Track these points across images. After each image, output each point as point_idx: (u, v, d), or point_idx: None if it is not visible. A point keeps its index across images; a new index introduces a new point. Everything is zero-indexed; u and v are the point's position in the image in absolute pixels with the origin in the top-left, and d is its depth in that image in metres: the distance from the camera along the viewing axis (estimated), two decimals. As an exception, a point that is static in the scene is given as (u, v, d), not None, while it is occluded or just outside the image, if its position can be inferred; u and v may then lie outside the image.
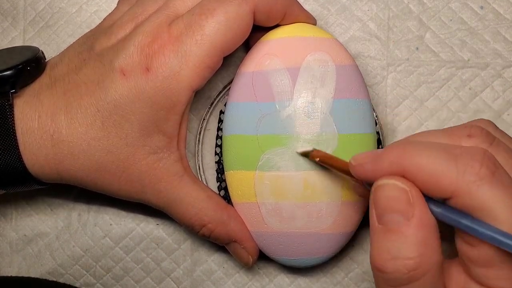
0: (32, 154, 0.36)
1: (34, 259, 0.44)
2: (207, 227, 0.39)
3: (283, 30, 0.39)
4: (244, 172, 0.38)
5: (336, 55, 0.38)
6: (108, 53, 0.37)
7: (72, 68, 0.37)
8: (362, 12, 0.43)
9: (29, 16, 0.45)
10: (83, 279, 0.44)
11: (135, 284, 0.43)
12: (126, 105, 0.36)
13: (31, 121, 0.36)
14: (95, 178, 0.37)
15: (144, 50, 0.36)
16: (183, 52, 0.35)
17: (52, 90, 0.37)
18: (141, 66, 0.35)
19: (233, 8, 0.36)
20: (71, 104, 0.36)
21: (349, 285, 0.43)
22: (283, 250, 0.39)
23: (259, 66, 0.38)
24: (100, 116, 0.36)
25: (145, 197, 0.38)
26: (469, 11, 0.43)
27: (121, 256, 0.44)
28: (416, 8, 0.43)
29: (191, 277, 0.43)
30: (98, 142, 0.36)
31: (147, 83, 0.35)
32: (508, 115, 0.42)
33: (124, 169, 0.37)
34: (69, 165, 0.37)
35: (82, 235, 0.44)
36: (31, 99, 0.37)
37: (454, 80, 0.43)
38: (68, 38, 0.45)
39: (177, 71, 0.35)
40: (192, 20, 0.36)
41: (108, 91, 0.36)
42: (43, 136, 0.36)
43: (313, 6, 0.44)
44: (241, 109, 0.38)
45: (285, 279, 0.43)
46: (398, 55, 0.43)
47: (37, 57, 0.38)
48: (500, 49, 0.43)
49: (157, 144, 0.37)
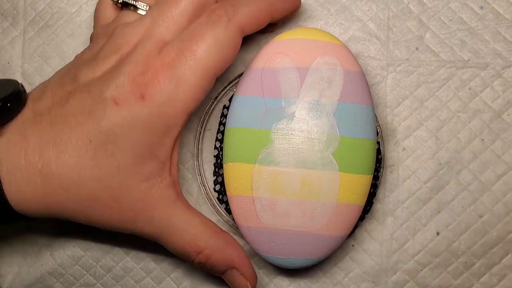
0: (18, 192, 0.35)
1: (34, 259, 0.44)
2: (204, 253, 0.38)
3: (296, 32, 0.40)
4: (243, 165, 0.39)
5: (344, 61, 0.39)
6: (96, 83, 0.36)
7: (57, 100, 0.37)
8: (362, 12, 0.43)
9: (29, 16, 0.45)
10: (83, 279, 0.44)
11: (135, 284, 0.43)
12: (120, 133, 0.35)
13: (17, 159, 0.35)
14: (86, 209, 0.37)
15: (136, 79, 0.35)
16: (177, 78, 0.36)
17: (38, 125, 0.36)
18: (135, 95, 0.35)
19: (221, 30, 0.36)
20: (60, 137, 0.35)
21: (349, 285, 0.43)
22: (274, 247, 0.39)
23: (269, 63, 0.39)
24: (92, 147, 0.35)
25: (137, 226, 0.38)
26: (469, 11, 0.43)
27: (121, 255, 0.44)
28: (416, 8, 0.43)
29: (191, 277, 0.43)
30: (89, 171, 0.36)
31: (142, 110, 0.35)
32: (508, 115, 0.42)
33: (116, 198, 0.36)
34: (59, 198, 0.36)
35: (82, 235, 0.44)
36: (14, 137, 0.36)
37: (454, 80, 0.43)
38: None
39: (173, 96, 0.36)
40: (183, 46, 0.36)
41: (101, 121, 0.35)
42: (31, 172, 0.35)
43: (313, 6, 0.44)
44: (247, 103, 0.39)
45: (285, 279, 0.43)
46: (398, 55, 0.43)
47: (17, 91, 0.37)
48: (500, 49, 0.42)
49: (149, 170, 0.37)
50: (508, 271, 0.42)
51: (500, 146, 0.42)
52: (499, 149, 0.42)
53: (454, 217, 0.42)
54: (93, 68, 0.37)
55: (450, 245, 0.42)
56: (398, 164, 0.43)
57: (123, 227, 0.38)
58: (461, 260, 0.42)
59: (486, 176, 0.42)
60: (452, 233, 0.42)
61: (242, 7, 0.37)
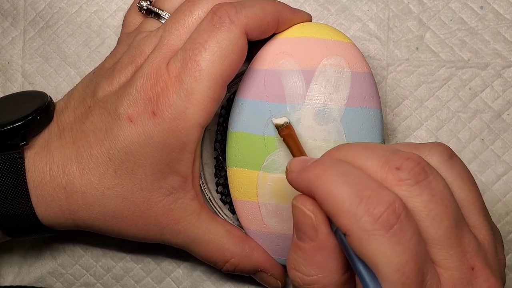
0: (45, 206, 0.36)
1: (34, 259, 0.44)
2: (231, 262, 0.39)
3: (301, 29, 0.38)
4: (248, 171, 0.38)
5: (352, 61, 0.37)
6: (112, 99, 0.36)
7: (79, 116, 0.37)
8: (362, 12, 0.43)
9: (29, 16, 0.45)
10: (83, 278, 0.44)
11: (135, 284, 0.43)
12: (137, 151, 0.35)
13: (42, 174, 0.36)
14: (112, 225, 0.37)
15: (147, 94, 0.35)
16: (185, 91, 0.35)
17: (61, 140, 0.36)
18: (147, 111, 0.35)
19: (224, 36, 0.35)
20: (82, 154, 0.36)
21: (349, 285, 0.43)
22: (279, 250, 0.39)
23: (272, 64, 0.37)
24: (112, 165, 0.36)
25: (164, 238, 0.38)
26: (469, 11, 0.43)
27: (121, 255, 0.44)
28: (416, 8, 0.43)
29: (191, 277, 0.43)
30: (112, 190, 0.36)
31: (155, 127, 0.35)
32: (508, 115, 0.42)
33: (141, 214, 0.37)
34: (85, 215, 0.36)
35: (82, 235, 0.44)
36: (41, 151, 0.36)
37: (454, 80, 0.43)
38: (68, 38, 0.45)
39: (183, 110, 0.35)
40: (186, 57, 0.35)
41: (118, 139, 0.35)
42: (56, 189, 0.36)
43: (313, 6, 0.44)
44: (250, 106, 0.38)
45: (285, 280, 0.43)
46: (398, 55, 0.43)
47: (46, 105, 0.37)
48: (500, 49, 0.42)
49: (172, 185, 0.37)
50: (508, 271, 0.42)
51: (500, 146, 0.42)
52: (499, 149, 0.42)
53: (454, 217, 0.42)
54: (110, 81, 0.37)
55: (450, 245, 0.42)
56: (398, 164, 0.43)
57: (151, 239, 0.38)
58: (461, 260, 0.42)
59: (486, 176, 0.42)
60: (452, 233, 0.42)
61: (246, 9, 0.36)
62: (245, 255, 0.39)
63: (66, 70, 0.45)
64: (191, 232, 0.38)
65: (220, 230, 0.38)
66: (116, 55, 0.39)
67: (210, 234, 0.38)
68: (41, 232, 0.37)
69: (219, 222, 0.39)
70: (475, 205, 0.30)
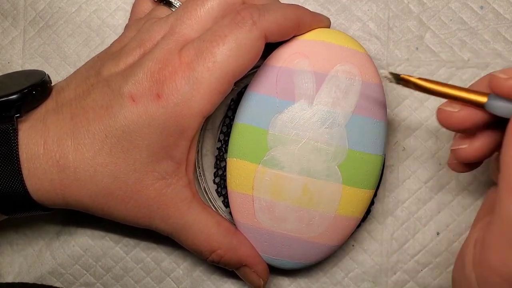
0: (36, 180, 0.36)
1: (34, 259, 0.44)
2: (217, 253, 0.39)
3: (320, 34, 0.39)
4: (247, 163, 0.38)
5: (364, 71, 0.38)
6: (117, 78, 0.36)
7: (80, 93, 0.37)
8: (362, 12, 0.43)
9: (29, 16, 0.45)
10: (83, 278, 0.44)
11: (135, 284, 0.43)
12: (135, 131, 0.35)
13: (36, 147, 0.36)
14: (102, 204, 0.37)
15: (154, 76, 0.35)
16: (194, 79, 0.35)
17: (59, 115, 0.36)
18: (151, 92, 0.35)
19: (244, 35, 0.36)
20: (79, 130, 0.36)
21: (349, 285, 0.43)
22: (267, 247, 0.39)
23: (287, 63, 0.38)
24: (108, 142, 0.36)
25: (152, 223, 0.38)
26: (469, 11, 0.43)
27: (121, 255, 0.44)
28: (416, 8, 0.43)
29: (191, 277, 0.43)
30: (105, 168, 0.36)
31: (157, 109, 0.35)
32: (508, 115, 0.42)
33: (131, 194, 0.37)
34: (75, 191, 0.36)
35: (82, 235, 0.44)
36: (36, 124, 0.36)
37: (454, 80, 0.43)
38: (68, 37, 0.45)
39: (189, 98, 0.35)
40: (203, 47, 0.36)
41: (117, 117, 0.35)
42: (49, 162, 0.36)
43: (313, 6, 0.44)
44: (259, 100, 0.38)
45: (285, 279, 0.43)
46: (398, 55, 0.43)
47: (43, 81, 0.37)
48: (500, 49, 0.42)
49: (165, 169, 0.37)
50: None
51: (500, 146, 0.42)
52: (499, 149, 0.42)
53: (454, 217, 0.42)
54: (116, 62, 0.37)
55: (450, 245, 0.42)
56: (398, 164, 0.43)
57: (139, 222, 0.38)
58: (461, 260, 0.42)
59: (486, 176, 0.42)
60: (452, 233, 0.42)
61: (269, 12, 0.37)
62: (232, 247, 0.39)
63: (66, 70, 0.45)
64: (181, 219, 0.38)
65: (210, 220, 0.38)
66: (123, 40, 0.39)
67: (200, 223, 0.38)
68: (32, 208, 0.37)
69: (210, 212, 0.39)
70: None
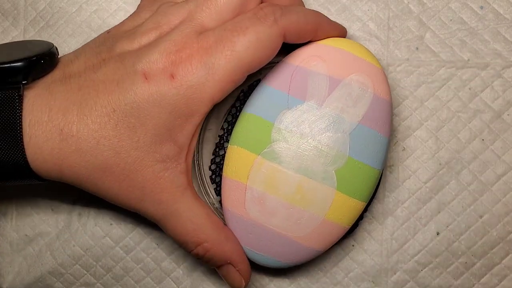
0: (36, 147, 0.35)
1: (34, 259, 0.44)
2: (203, 246, 0.38)
3: (340, 42, 0.39)
4: (247, 152, 0.39)
5: (377, 85, 0.38)
6: (131, 56, 0.36)
7: (90, 66, 0.37)
8: (362, 12, 0.43)
9: (30, 16, 0.45)
10: (83, 278, 0.44)
11: (135, 284, 0.43)
12: (145, 109, 0.35)
13: (41, 114, 0.36)
14: (97, 179, 0.37)
15: (170, 57, 0.35)
16: (210, 65, 0.35)
17: (66, 85, 0.36)
18: (165, 72, 0.35)
19: (265, 29, 0.36)
20: (86, 101, 0.36)
21: (349, 285, 0.43)
22: (250, 240, 0.39)
23: (304, 63, 0.39)
24: (115, 117, 0.36)
25: (143, 206, 0.38)
26: (469, 11, 0.43)
27: (121, 255, 0.44)
28: (416, 8, 0.43)
29: (191, 277, 0.43)
30: (108, 141, 0.36)
31: (170, 90, 0.35)
32: (508, 115, 0.42)
33: (128, 172, 0.37)
34: (74, 161, 0.36)
35: (82, 235, 0.44)
36: (43, 92, 0.36)
37: (454, 80, 0.43)
38: (69, 38, 0.45)
39: (203, 82, 0.35)
40: (224, 35, 0.36)
41: (128, 92, 0.35)
42: (52, 130, 0.35)
43: (313, 6, 0.44)
44: (270, 94, 0.39)
45: (285, 279, 0.43)
46: (398, 55, 0.43)
47: (51, 51, 0.37)
48: (500, 49, 0.42)
49: (166, 152, 0.37)
50: (508, 272, 0.42)
51: (500, 146, 0.42)
52: (499, 149, 0.42)
53: (454, 217, 0.42)
54: (131, 40, 0.37)
55: (450, 245, 0.42)
56: (398, 164, 0.43)
57: (129, 204, 0.38)
58: (461, 260, 0.42)
59: (486, 176, 0.42)
60: (452, 233, 0.42)
61: (291, 13, 0.37)
62: (219, 242, 0.38)
63: (67, 70, 0.45)
64: (172, 205, 0.37)
65: (201, 211, 0.38)
66: (136, 20, 0.39)
67: (191, 212, 0.38)
68: (27, 177, 0.37)
69: (201, 204, 0.38)
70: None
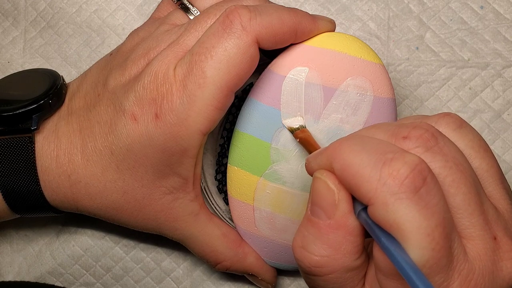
0: (51, 191, 0.37)
1: (34, 259, 0.44)
2: (222, 264, 0.39)
3: (330, 40, 0.36)
4: (248, 175, 0.37)
5: (377, 85, 0.36)
6: (120, 91, 0.36)
7: (88, 102, 0.37)
8: (362, 12, 0.43)
9: (30, 16, 0.45)
10: (83, 278, 0.44)
11: (135, 284, 0.43)
12: (139, 150, 0.35)
13: (50, 160, 0.36)
14: (113, 216, 0.38)
15: (153, 93, 0.34)
16: (187, 97, 0.33)
17: (69, 126, 0.37)
18: (150, 112, 0.34)
19: (233, 43, 0.33)
20: (86, 145, 0.36)
21: (349, 285, 0.43)
22: (266, 252, 0.39)
23: (294, 72, 0.35)
24: (114, 159, 0.36)
25: (161, 232, 0.39)
26: (469, 11, 0.43)
27: (121, 255, 0.44)
28: (416, 8, 0.43)
29: (191, 277, 0.43)
30: (114, 184, 0.36)
31: (156, 130, 0.34)
32: (508, 115, 0.42)
33: (140, 208, 0.37)
34: (87, 204, 0.37)
35: (82, 235, 0.44)
36: (49, 136, 0.37)
37: (454, 80, 0.43)
38: (69, 38, 0.45)
39: (184, 117, 0.33)
40: (192, 61, 0.33)
41: (120, 136, 0.35)
42: (61, 176, 0.36)
43: (313, 6, 0.44)
44: (262, 111, 0.36)
45: (285, 279, 0.43)
46: (398, 55, 0.43)
47: (59, 88, 0.37)
48: (500, 49, 0.42)
49: (172, 185, 0.36)
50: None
51: (500, 146, 0.42)
52: (499, 149, 0.42)
53: (454, 217, 0.42)
54: (122, 71, 0.37)
55: (450, 245, 0.42)
56: (398, 164, 0.43)
57: (149, 231, 0.39)
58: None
59: (486, 176, 0.42)
60: (452, 233, 0.42)
61: (262, 15, 0.33)
62: (237, 260, 0.39)
63: (67, 70, 0.45)
64: (187, 231, 0.38)
65: (216, 232, 0.38)
66: (135, 39, 0.39)
67: (206, 235, 0.38)
68: (49, 211, 0.38)
69: (216, 224, 0.39)
70: (489, 173, 0.29)
